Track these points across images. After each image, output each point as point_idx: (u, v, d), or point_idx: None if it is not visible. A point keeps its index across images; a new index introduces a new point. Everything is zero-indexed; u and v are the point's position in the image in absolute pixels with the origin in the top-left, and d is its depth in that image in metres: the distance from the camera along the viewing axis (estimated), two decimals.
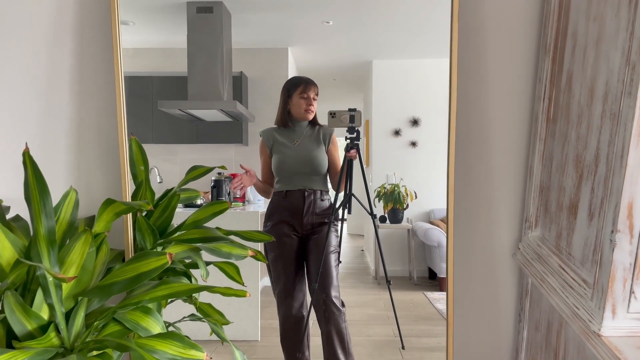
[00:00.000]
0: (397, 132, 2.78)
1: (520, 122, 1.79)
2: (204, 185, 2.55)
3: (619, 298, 1.12)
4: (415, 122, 2.78)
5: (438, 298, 2.70)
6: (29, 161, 1.15)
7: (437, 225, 2.77)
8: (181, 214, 1.75)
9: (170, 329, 1.72)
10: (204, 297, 1.60)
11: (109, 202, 1.32)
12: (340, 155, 2.21)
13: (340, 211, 2.17)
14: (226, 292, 1.28)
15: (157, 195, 1.77)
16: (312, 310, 2.15)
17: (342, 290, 2.40)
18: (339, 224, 2.23)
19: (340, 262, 2.27)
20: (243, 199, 2.65)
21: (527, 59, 1.76)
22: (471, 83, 1.80)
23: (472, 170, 1.83)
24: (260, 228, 2.31)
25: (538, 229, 1.63)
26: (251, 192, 2.66)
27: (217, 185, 2.57)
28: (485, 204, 1.83)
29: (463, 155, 1.82)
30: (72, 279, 1.03)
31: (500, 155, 1.81)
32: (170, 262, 1.17)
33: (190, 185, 1.81)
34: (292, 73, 2.65)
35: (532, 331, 1.66)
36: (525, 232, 1.70)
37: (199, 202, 2.52)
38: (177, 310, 1.71)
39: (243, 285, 1.70)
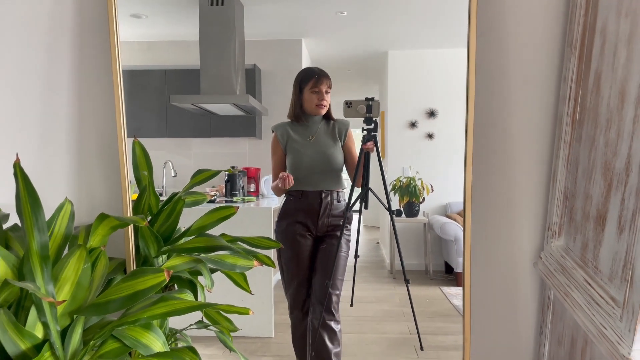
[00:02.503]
0: (413, 124, 2.73)
1: (544, 124, 1.68)
2: (218, 179, 2.53)
3: None
4: (431, 114, 2.73)
5: (455, 293, 2.66)
6: (20, 173, 1.10)
7: (454, 219, 2.72)
8: (197, 210, 1.71)
9: (178, 336, 1.68)
10: (216, 293, 1.55)
11: (102, 217, 1.27)
12: (357, 148, 2.14)
13: (357, 205, 2.11)
14: (228, 309, 1.23)
15: (165, 196, 1.72)
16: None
17: (356, 285, 2.36)
18: (350, 230, 2.18)
19: (359, 256, 2.22)
20: (257, 193, 2.62)
21: (551, 56, 1.65)
22: (490, 80, 1.70)
23: (491, 173, 1.74)
24: (272, 224, 2.27)
25: (562, 239, 1.54)
26: (265, 186, 2.63)
27: (230, 180, 2.55)
28: (505, 209, 1.74)
29: (481, 156, 1.73)
30: (61, 303, 0.99)
31: (521, 158, 1.71)
32: (168, 280, 1.12)
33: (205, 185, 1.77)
34: (306, 65, 2.60)
35: (554, 346, 1.57)
36: (547, 241, 1.61)
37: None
38: (184, 315, 1.67)
39: (250, 293, 1.65)
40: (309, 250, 2.14)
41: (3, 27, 1.75)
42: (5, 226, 1.40)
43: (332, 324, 2.07)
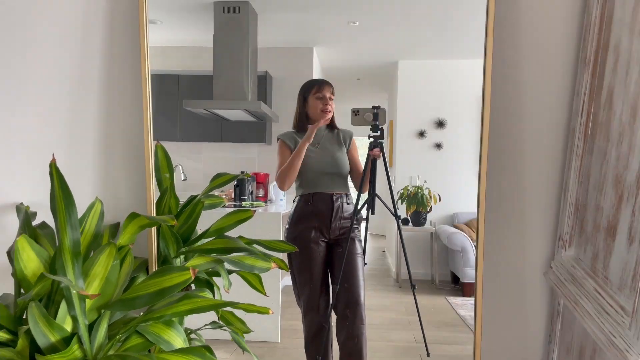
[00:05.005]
0: (421, 134, 2.74)
1: (556, 136, 1.72)
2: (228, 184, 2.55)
3: None
4: (440, 124, 2.74)
5: (461, 304, 2.66)
6: (55, 173, 1.15)
7: (461, 229, 2.72)
8: (211, 214, 1.74)
9: (192, 336, 1.72)
10: (226, 296, 1.58)
11: (133, 216, 1.31)
12: (362, 156, 2.17)
13: (363, 212, 2.13)
14: (249, 308, 1.26)
15: (181, 200, 1.76)
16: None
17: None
18: (361, 231, 2.20)
19: (366, 263, 2.24)
20: (265, 198, 2.64)
21: (565, 71, 1.69)
22: (505, 93, 1.74)
23: (504, 183, 1.78)
24: (281, 230, 2.30)
25: (572, 249, 1.58)
26: (273, 192, 2.65)
27: (240, 184, 2.58)
28: (517, 219, 1.78)
29: (495, 166, 1.77)
30: (95, 296, 1.03)
31: (534, 170, 1.76)
32: (193, 278, 1.16)
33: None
34: (316, 73, 2.64)
35: (562, 354, 1.60)
36: (558, 251, 1.64)
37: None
38: (199, 315, 1.70)
39: (265, 295, 1.69)
40: (322, 256, 2.15)
41: (37, 32, 1.80)
42: (33, 224, 1.45)
43: (363, 328, 2.08)
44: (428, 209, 2.68)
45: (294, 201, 2.19)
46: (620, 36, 1.33)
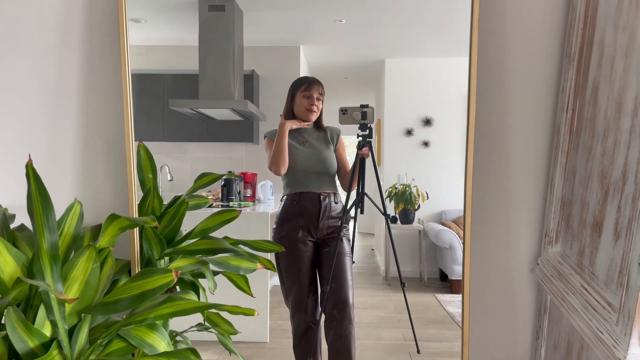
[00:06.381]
0: (409, 132, 2.75)
1: (542, 133, 1.73)
2: (215, 184, 2.53)
3: None
4: (427, 122, 2.74)
5: (449, 300, 2.67)
6: (32, 174, 1.12)
7: (449, 227, 2.73)
8: (196, 215, 1.71)
9: (178, 338, 1.69)
10: (212, 298, 1.56)
11: (113, 218, 1.29)
12: (349, 155, 2.15)
13: (352, 211, 2.12)
14: (234, 310, 1.24)
15: (165, 201, 1.74)
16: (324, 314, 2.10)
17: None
18: (349, 230, 2.19)
19: (354, 262, 2.23)
20: (253, 198, 2.63)
21: (550, 67, 1.70)
22: (491, 90, 1.75)
23: (490, 180, 1.78)
24: (269, 229, 2.28)
25: (559, 245, 1.58)
26: (261, 191, 2.64)
27: (227, 184, 2.56)
28: (503, 216, 1.78)
29: (481, 164, 1.77)
30: (74, 300, 1.00)
31: (519, 166, 1.76)
32: (176, 280, 1.14)
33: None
34: (303, 71, 2.63)
35: (550, 350, 1.61)
36: (544, 247, 1.64)
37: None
38: (185, 317, 1.67)
39: (252, 295, 1.67)
40: (309, 256, 2.13)
41: (14, 31, 1.77)
42: (11, 226, 1.42)
43: (351, 328, 2.06)
44: (416, 207, 2.68)
45: (281, 200, 2.18)
46: (605, 31, 1.32)
